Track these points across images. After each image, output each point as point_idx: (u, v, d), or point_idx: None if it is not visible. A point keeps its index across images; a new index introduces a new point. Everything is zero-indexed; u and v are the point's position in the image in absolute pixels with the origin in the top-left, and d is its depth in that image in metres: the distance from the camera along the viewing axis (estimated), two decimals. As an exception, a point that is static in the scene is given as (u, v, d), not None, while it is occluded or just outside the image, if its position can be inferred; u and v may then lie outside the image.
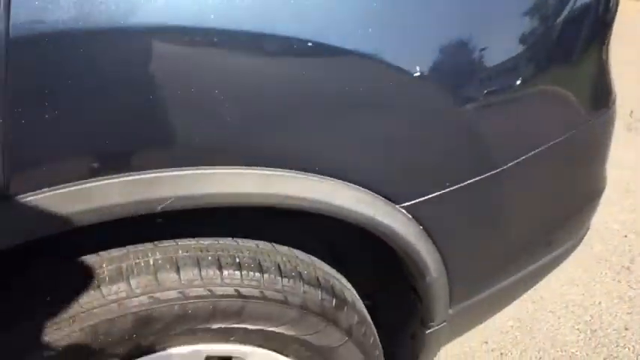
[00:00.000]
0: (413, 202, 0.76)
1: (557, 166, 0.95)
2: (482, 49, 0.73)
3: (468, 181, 0.79)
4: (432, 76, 0.69)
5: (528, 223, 0.97)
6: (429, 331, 0.95)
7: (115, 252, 0.74)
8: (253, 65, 0.60)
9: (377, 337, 0.95)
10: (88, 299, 0.69)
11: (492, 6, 0.76)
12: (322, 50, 0.61)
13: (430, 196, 0.77)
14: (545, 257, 1.06)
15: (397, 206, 0.75)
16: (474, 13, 0.73)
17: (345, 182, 0.70)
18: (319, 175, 0.68)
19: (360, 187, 0.71)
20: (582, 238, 1.16)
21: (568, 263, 1.89)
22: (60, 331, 0.68)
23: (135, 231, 0.75)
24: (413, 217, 0.77)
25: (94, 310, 0.69)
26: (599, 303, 1.78)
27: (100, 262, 0.73)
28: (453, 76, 0.72)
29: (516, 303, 1.72)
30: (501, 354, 1.60)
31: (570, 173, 0.99)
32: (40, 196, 0.57)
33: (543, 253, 1.05)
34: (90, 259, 0.73)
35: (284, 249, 0.83)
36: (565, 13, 0.82)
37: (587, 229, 1.15)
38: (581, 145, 0.97)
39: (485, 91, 0.74)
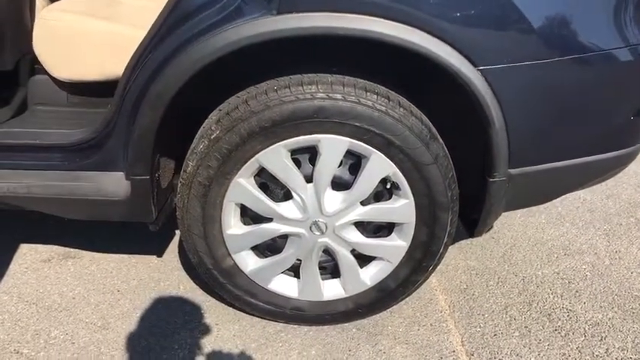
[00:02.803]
0: (486, 67, 1.25)
1: (613, 73, 1.32)
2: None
3: (532, 62, 1.25)
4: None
5: (583, 116, 1.36)
6: (492, 180, 1.40)
7: (310, 74, 1.34)
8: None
9: (455, 176, 1.42)
10: (296, 91, 1.29)
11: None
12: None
13: (499, 65, 1.25)
14: (598, 155, 1.43)
15: (475, 68, 1.25)
16: None
17: (447, 43, 1.22)
18: (431, 34, 1.21)
19: (454, 49, 1.23)
20: (634, 155, 1.50)
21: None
22: (283, 105, 1.29)
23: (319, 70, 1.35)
24: (484, 78, 1.26)
25: (299, 97, 1.29)
26: (676, 272, 2.00)
27: (302, 78, 1.33)
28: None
29: (592, 255, 2.03)
30: (569, 282, 1.92)
31: (624, 84, 1.35)
32: (288, 15, 1.19)
33: (595, 150, 1.42)
34: (297, 76, 1.34)
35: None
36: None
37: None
38: (634, 62, 1.33)
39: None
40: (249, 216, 1.50)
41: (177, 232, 2.08)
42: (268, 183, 1.44)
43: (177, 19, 1.28)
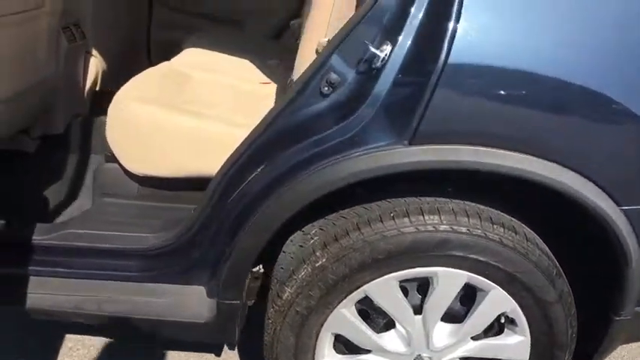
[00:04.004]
0: (631, 207, 1.13)
1: None
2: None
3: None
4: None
5: None
6: (617, 318, 1.27)
7: (429, 199, 1.21)
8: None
9: (576, 314, 1.29)
10: (416, 221, 1.16)
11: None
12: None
13: (644, 206, 1.14)
14: None
15: (619, 207, 1.13)
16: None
17: (592, 182, 1.11)
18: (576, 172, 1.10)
19: (597, 186, 1.11)
20: None
21: None
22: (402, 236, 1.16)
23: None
24: (627, 217, 1.14)
25: (419, 228, 1.16)
26: None
27: (420, 204, 1.20)
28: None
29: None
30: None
31: None
32: (424, 147, 1.07)
33: None
34: (414, 201, 1.21)
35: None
36: None
37: None
38: None
39: None
40: (342, 342, 1.35)
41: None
42: (369, 311, 1.30)
43: (285, 137, 1.16)
